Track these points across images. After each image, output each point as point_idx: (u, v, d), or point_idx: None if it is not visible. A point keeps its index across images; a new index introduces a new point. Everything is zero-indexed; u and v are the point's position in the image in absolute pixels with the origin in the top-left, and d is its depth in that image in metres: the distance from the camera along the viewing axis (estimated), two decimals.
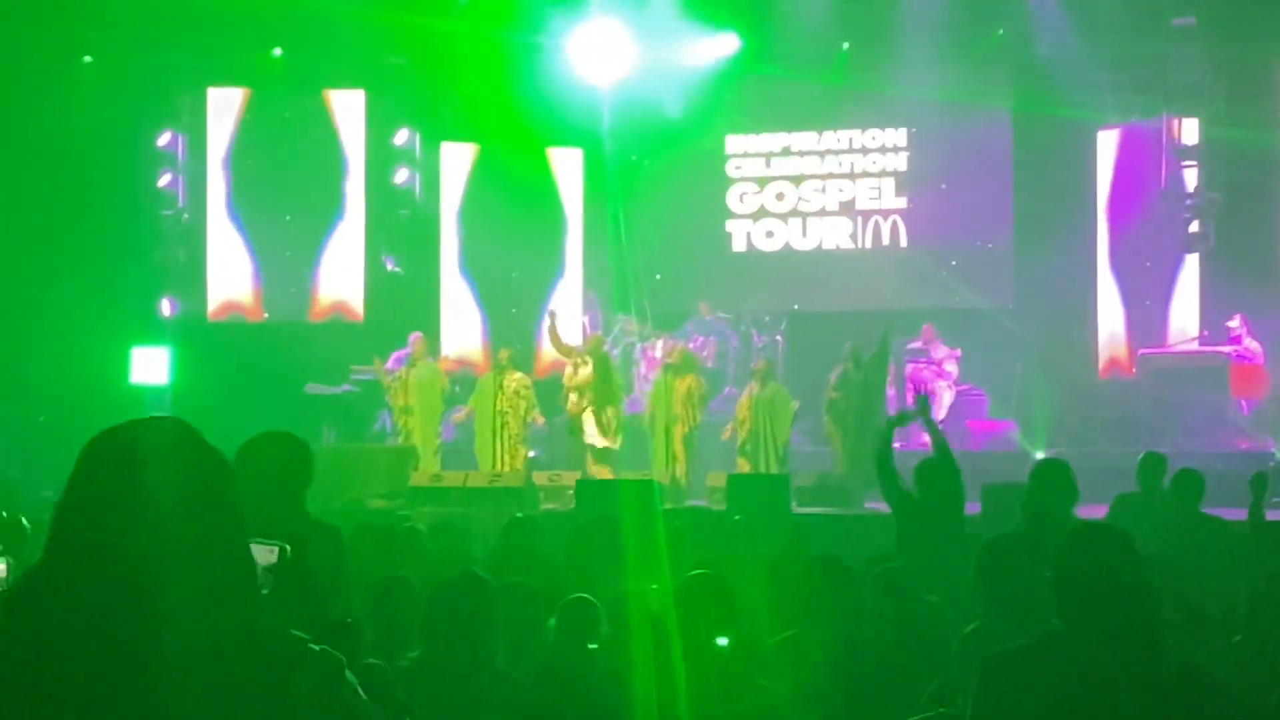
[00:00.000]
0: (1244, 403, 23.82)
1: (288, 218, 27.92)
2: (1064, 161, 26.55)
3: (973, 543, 11.08)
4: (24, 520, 13.46)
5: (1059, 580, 5.07)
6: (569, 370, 23.34)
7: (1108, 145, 26.66)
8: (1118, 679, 4.89)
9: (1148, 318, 26.18)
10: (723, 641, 6.74)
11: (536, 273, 28.53)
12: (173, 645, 3.02)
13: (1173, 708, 4.87)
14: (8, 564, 11.17)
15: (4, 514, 13.77)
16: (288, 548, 3.85)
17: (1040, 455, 22.85)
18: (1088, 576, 5.00)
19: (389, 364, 24.46)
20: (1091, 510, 12.12)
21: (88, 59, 27.01)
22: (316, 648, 3.28)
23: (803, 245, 28.72)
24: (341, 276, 27.88)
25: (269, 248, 27.88)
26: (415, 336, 24.29)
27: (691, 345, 25.22)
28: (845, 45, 27.50)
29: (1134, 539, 5.20)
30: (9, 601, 3.17)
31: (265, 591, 3.46)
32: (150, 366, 26.38)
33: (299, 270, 27.86)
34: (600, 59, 27.02)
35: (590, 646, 7.57)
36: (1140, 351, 25.43)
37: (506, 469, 22.70)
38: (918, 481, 11.85)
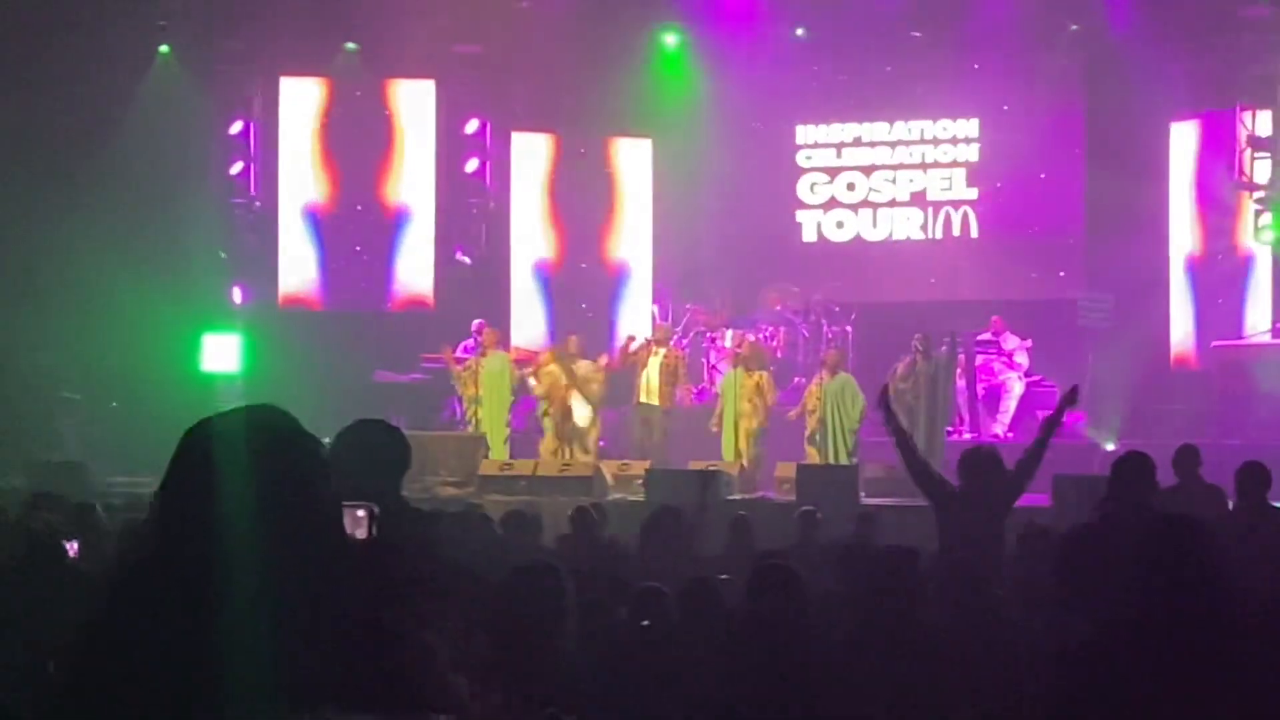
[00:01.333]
0: None
1: (358, 206, 28.01)
2: (1136, 153, 26.35)
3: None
4: (98, 506, 13.58)
5: (1136, 571, 5.05)
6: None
7: (1180, 137, 26.48)
8: (1192, 670, 4.88)
9: (1220, 310, 26.00)
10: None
11: (606, 262, 28.53)
12: (275, 631, 3.04)
13: (1246, 699, 4.85)
14: (79, 545, 11.28)
15: (77, 499, 13.90)
16: (375, 508, 3.88)
17: (1110, 447, 22.80)
18: (1165, 568, 4.98)
19: (457, 352, 24.54)
20: None
21: (164, 48, 27.15)
22: (412, 634, 3.30)
23: (873, 236, 28.67)
24: (411, 266, 27.95)
25: (339, 237, 27.97)
26: (478, 324, 24.36)
27: (761, 335, 25.21)
28: (916, 34, 27.41)
29: (1212, 532, 5.18)
30: (115, 590, 3.19)
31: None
32: (221, 354, 26.52)
33: (369, 259, 27.95)
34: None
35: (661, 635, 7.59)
36: (1212, 344, 25.27)
37: (576, 458, 22.77)
38: (961, 471, 11.78)
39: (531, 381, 23.61)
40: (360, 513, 3.73)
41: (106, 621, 3.13)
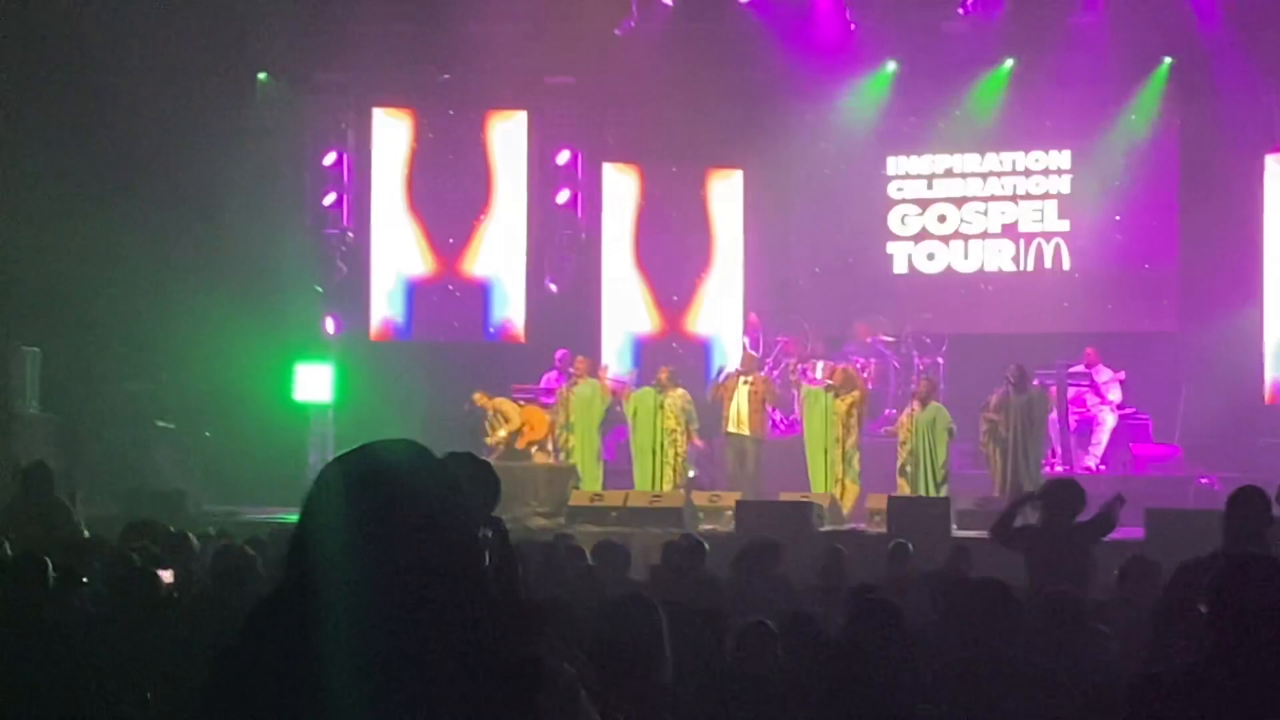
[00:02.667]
0: None
1: (450, 239, 28.12)
2: (1230, 184, 26.15)
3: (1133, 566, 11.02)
4: (191, 535, 13.67)
5: (1214, 607, 5.03)
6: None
7: (1276, 169, 26.29)
8: (1267, 711, 4.84)
9: None
10: None
11: (697, 293, 28.53)
12: (415, 666, 3.05)
13: None
14: (174, 574, 11.37)
15: (172, 528, 14.00)
16: (488, 533, 3.89)
17: (1203, 482, 22.64)
18: (1243, 605, 4.95)
19: (540, 383, 24.65)
20: None
21: (262, 76, 27.40)
22: (554, 666, 3.29)
23: (964, 267, 28.56)
24: (504, 296, 28.03)
25: (431, 267, 28.08)
26: (562, 354, 24.45)
27: (852, 367, 25.16)
28: (1009, 63, 27.33)
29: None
30: (250, 624, 3.21)
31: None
32: (314, 384, 26.66)
33: (461, 291, 28.04)
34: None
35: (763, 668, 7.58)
36: None
37: (666, 488, 22.78)
38: (1045, 497, 11.73)
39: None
40: (485, 532, 3.73)
41: (241, 651, 3.16)
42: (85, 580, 10.75)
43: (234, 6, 25.68)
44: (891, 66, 27.93)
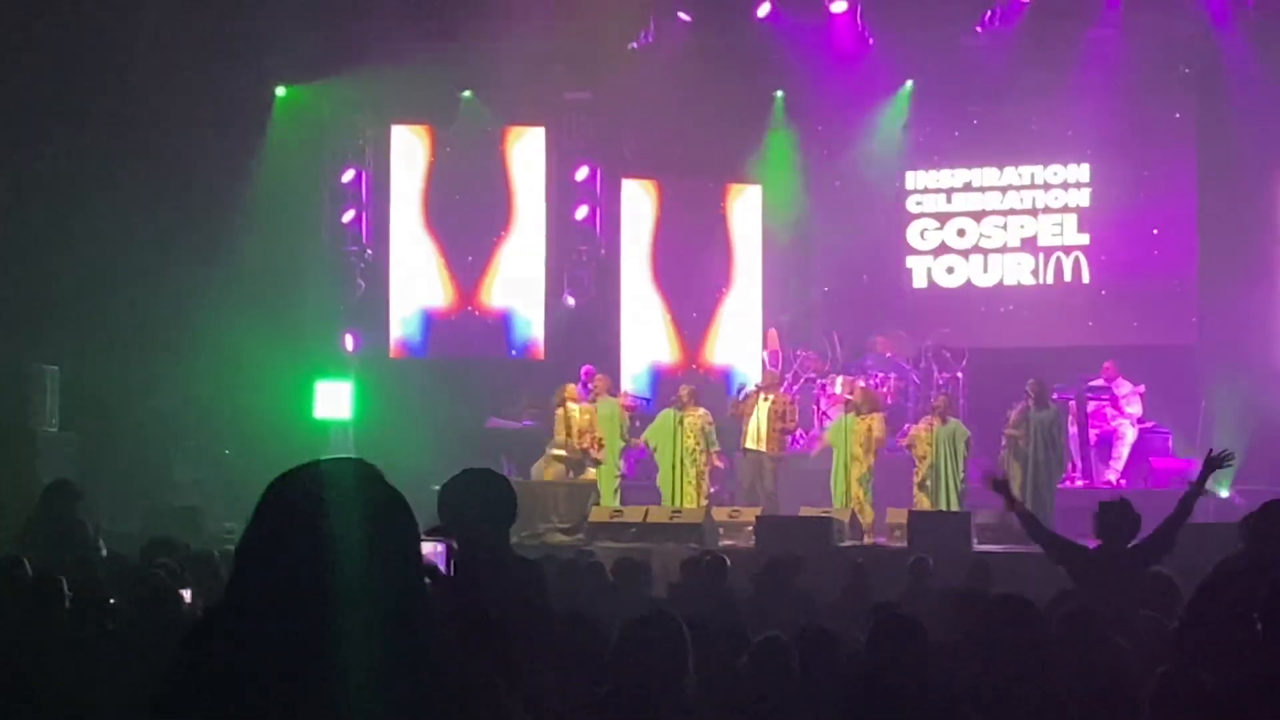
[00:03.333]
0: None
1: (469, 257, 28.15)
2: (1250, 196, 26.14)
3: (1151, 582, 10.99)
4: (215, 552, 13.68)
5: (1268, 626, 5.02)
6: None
7: None
8: None
9: None
10: None
11: (715, 309, 28.52)
12: (349, 686, 3.05)
13: None
14: (192, 593, 11.36)
15: (191, 546, 14.00)
16: (454, 544, 3.90)
17: (1224, 494, 22.59)
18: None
19: None
20: None
21: (280, 91, 27.43)
22: (483, 680, 3.30)
23: (984, 281, 28.54)
24: (523, 312, 28.03)
25: (450, 284, 28.10)
26: (587, 370, 24.46)
27: (871, 382, 25.13)
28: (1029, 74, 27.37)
29: None
30: (188, 639, 3.22)
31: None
32: (333, 401, 26.68)
33: (480, 306, 28.04)
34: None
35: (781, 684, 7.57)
36: None
37: (688, 505, 22.76)
38: (1099, 528, 11.65)
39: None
40: (438, 548, 3.74)
41: (177, 671, 3.17)
42: (109, 600, 10.76)
43: (253, 22, 25.71)
44: (910, 81, 27.96)
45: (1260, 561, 9.60)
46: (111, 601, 10.76)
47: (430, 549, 3.46)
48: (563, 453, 23.50)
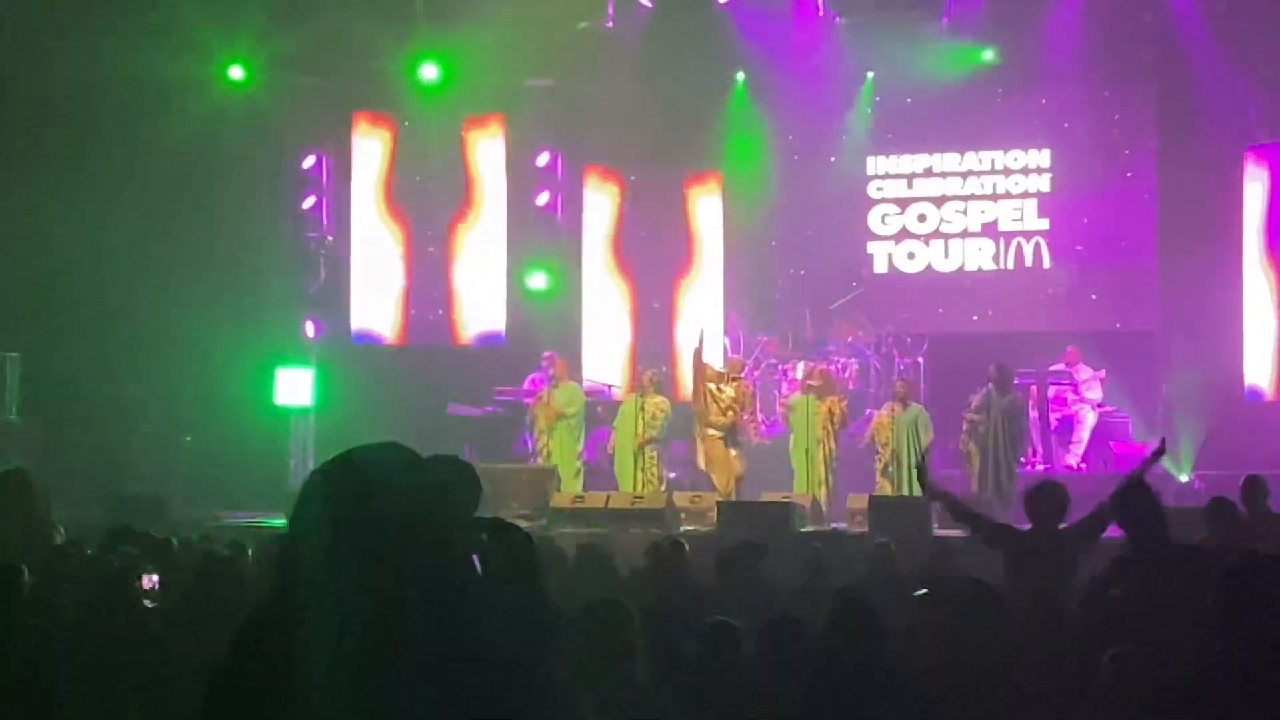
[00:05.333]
0: None
1: (430, 234, 28.08)
2: (1210, 181, 26.15)
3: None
4: (174, 539, 13.67)
5: (1220, 609, 5.01)
6: (714, 389, 23.35)
7: (1255, 165, 26.30)
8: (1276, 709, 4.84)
9: None
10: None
11: (676, 295, 28.51)
12: (405, 670, 3.03)
13: None
14: (158, 578, 11.34)
15: (152, 533, 13.98)
16: (483, 535, 3.88)
17: (1184, 479, 22.67)
18: (1249, 605, 4.93)
19: (525, 385, 24.63)
20: None
21: (238, 73, 27.22)
22: (546, 668, 3.28)
23: (945, 267, 28.58)
24: (484, 299, 27.97)
25: (410, 270, 28.04)
26: (549, 356, 24.41)
27: (832, 367, 25.14)
28: (987, 55, 27.42)
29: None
30: (241, 634, 3.20)
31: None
32: (294, 388, 26.65)
33: (441, 293, 27.98)
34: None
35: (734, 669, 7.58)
36: None
37: (648, 490, 22.75)
38: (1029, 511, 11.64)
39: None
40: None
41: (234, 667, 3.15)
42: (64, 587, 10.73)
43: (212, 6, 25.63)
44: (872, 68, 28.01)
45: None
46: (66, 588, 10.74)
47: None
48: (717, 432, 23.31)
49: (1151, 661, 6.72)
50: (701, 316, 27.58)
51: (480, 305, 27.94)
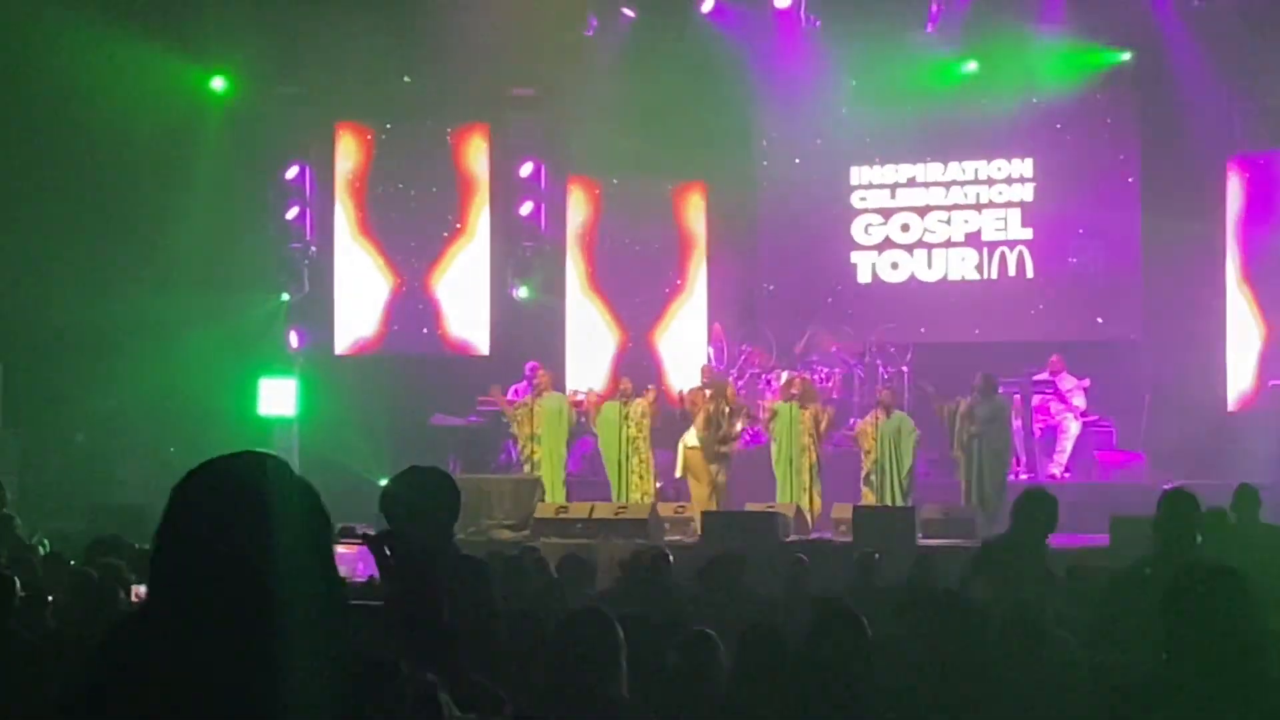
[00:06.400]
0: None
1: (413, 244, 28.09)
2: (1193, 190, 26.19)
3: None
4: None
5: (1167, 618, 5.03)
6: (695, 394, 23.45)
7: (1237, 174, 26.34)
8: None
9: (1278, 348, 25.80)
10: None
11: (660, 306, 28.52)
12: (268, 682, 3.03)
13: None
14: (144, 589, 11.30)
15: (135, 544, 13.95)
16: (371, 531, 3.90)
17: (1167, 488, 22.67)
18: (1195, 616, 4.96)
19: (508, 395, 24.61)
20: None
21: (219, 84, 27.20)
22: (407, 672, 3.30)
23: (928, 276, 28.58)
24: (467, 309, 27.97)
25: (394, 281, 28.03)
26: (532, 366, 24.42)
27: (816, 376, 25.15)
28: (970, 66, 27.47)
29: (1245, 579, 5.14)
30: (105, 642, 3.20)
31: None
32: (278, 398, 26.63)
33: (425, 303, 27.99)
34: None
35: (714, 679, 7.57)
36: (1271, 383, 25.13)
37: (634, 497, 22.76)
38: (1016, 512, 11.59)
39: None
40: (359, 549, 3.75)
41: (99, 671, 3.15)
42: (48, 597, 10.72)
43: (196, 15, 25.60)
44: (855, 77, 28.03)
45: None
46: (50, 599, 10.73)
47: (350, 550, 3.45)
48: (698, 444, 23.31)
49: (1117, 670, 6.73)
50: (685, 326, 27.62)
51: (464, 315, 27.94)
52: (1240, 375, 25.88)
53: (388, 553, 4.47)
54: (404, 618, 4.63)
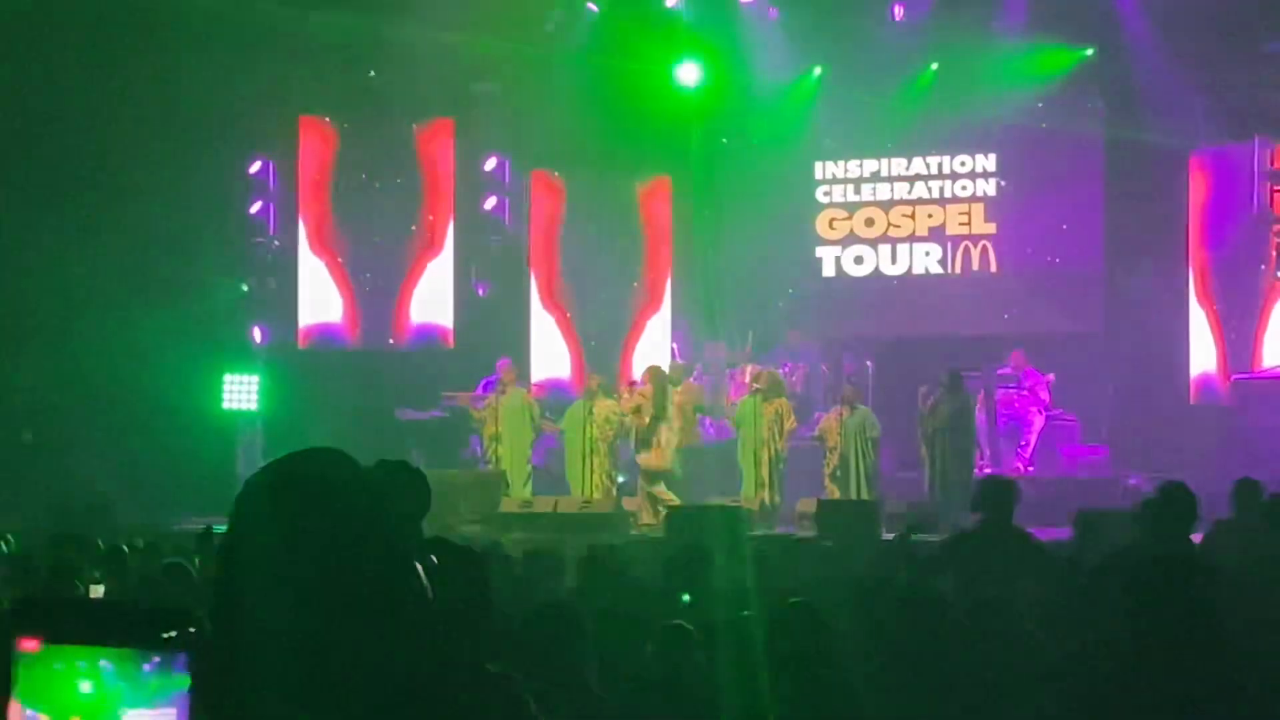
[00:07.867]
0: None
1: (377, 239, 28.02)
2: (1155, 185, 26.28)
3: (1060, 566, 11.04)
4: (124, 546, 13.57)
5: (1128, 609, 5.06)
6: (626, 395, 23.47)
7: (1199, 169, 26.41)
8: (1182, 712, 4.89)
9: (1240, 342, 25.88)
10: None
11: (626, 299, 28.51)
12: (355, 679, 3.01)
13: None
14: (105, 588, 11.26)
15: (100, 542, 13.85)
16: (433, 558, 3.87)
17: (1131, 482, 22.73)
18: (1153, 608, 4.98)
19: (477, 390, 24.56)
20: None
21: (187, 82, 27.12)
22: (496, 671, 3.27)
23: (892, 271, 28.65)
24: (431, 303, 27.93)
25: (359, 275, 27.97)
26: (504, 363, 24.37)
27: (781, 371, 25.17)
28: (934, 66, 27.51)
29: (1209, 569, 5.17)
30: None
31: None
32: (241, 393, 26.55)
33: (389, 298, 27.93)
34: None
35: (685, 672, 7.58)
36: (1233, 376, 25.21)
37: (597, 495, 22.73)
38: (982, 500, 11.62)
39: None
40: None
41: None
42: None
43: (157, 10, 25.49)
44: (818, 70, 28.05)
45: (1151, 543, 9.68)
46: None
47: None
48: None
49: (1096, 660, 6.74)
50: (650, 324, 27.64)
51: (427, 309, 27.88)
52: (1202, 368, 25.95)
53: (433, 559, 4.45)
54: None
